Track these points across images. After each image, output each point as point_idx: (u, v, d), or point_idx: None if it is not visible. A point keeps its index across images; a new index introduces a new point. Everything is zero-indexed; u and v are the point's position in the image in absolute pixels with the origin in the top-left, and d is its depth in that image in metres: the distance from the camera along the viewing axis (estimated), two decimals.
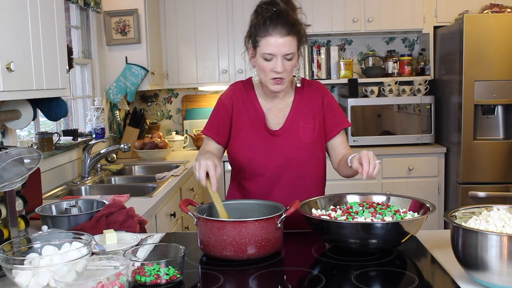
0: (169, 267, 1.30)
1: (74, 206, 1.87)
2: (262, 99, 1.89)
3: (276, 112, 1.88)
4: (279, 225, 1.48)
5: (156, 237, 1.71)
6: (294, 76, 1.89)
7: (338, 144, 1.90)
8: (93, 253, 1.41)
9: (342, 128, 1.90)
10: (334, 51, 4.30)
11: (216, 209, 1.60)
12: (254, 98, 1.89)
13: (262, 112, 1.87)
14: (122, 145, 3.17)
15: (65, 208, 1.87)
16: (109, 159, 3.52)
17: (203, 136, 1.94)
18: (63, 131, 3.15)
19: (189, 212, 1.55)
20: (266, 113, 1.87)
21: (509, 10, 3.65)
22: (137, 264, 1.30)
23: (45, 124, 3.14)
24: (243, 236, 1.42)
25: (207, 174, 1.57)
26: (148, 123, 4.28)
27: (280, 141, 1.84)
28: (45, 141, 2.72)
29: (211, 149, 1.88)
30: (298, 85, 1.88)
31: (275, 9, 1.69)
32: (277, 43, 1.68)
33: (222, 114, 1.89)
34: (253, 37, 1.74)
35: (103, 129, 3.47)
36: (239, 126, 1.87)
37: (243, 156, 1.85)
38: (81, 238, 1.39)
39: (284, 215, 1.49)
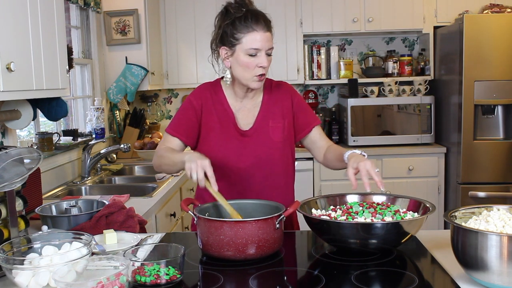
0: (169, 267, 1.30)
1: (74, 206, 1.87)
2: (231, 100, 1.88)
3: (246, 112, 1.88)
4: (277, 225, 1.47)
5: (156, 237, 1.71)
6: None
7: (318, 137, 1.92)
8: (93, 253, 1.41)
9: (313, 126, 1.92)
10: (334, 51, 4.30)
11: (224, 209, 1.60)
12: (223, 99, 1.88)
13: (232, 112, 1.87)
14: (122, 145, 3.17)
15: (65, 208, 1.87)
16: (109, 159, 3.52)
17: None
18: (63, 131, 3.15)
19: (189, 211, 1.55)
20: (235, 113, 1.87)
21: (509, 10, 3.65)
22: (137, 264, 1.30)
23: (45, 124, 3.14)
24: (240, 236, 1.42)
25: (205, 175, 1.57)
26: (148, 123, 4.27)
27: (250, 141, 1.85)
28: (45, 141, 2.72)
29: (173, 146, 1.84)
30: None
31: (245, 10, 1.73)
32: (261, 37, 1.72)
33: (190, 115, 1.87)
34: (229, 36, 1.75)
35: (103, 129, 3.46)
36: (209, 127, 1.86)
37: (214, 157, 1.82)
38: (81, 238, 1.38)
39: (282, 216, 1.49)
